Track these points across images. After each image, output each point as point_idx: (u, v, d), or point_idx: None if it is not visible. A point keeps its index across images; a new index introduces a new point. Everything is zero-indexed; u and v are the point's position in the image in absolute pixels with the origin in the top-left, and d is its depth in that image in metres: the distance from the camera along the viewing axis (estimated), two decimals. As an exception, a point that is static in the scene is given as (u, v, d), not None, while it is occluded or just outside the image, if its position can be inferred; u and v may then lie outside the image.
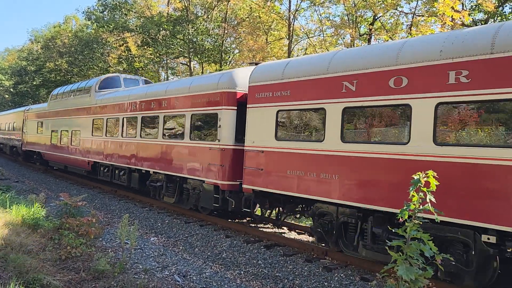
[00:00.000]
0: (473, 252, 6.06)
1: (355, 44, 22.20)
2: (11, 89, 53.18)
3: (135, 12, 30.67)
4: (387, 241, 4.29)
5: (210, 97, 10.98)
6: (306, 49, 27.96)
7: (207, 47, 27.43)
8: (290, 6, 24.73)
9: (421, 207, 4.07)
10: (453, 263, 5.99)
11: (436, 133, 6.31)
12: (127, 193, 15.57)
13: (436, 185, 4.44)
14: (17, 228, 8.09)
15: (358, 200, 7.26)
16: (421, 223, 3.94)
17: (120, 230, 7.22)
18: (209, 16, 28.63)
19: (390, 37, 20.34)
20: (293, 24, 24.82)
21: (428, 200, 4.00)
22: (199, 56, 27.91)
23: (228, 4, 27.28)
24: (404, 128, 6.85)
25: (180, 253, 8.86)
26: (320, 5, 24.16)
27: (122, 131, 15.33)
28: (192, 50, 27.37)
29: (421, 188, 3.99)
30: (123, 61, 33.58)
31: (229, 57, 29.98)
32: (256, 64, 10.75)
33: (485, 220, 5.76)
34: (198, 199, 11.44)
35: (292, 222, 11.37)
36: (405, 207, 3.97)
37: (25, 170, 24.93)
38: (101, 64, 36.37)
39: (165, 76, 35.46)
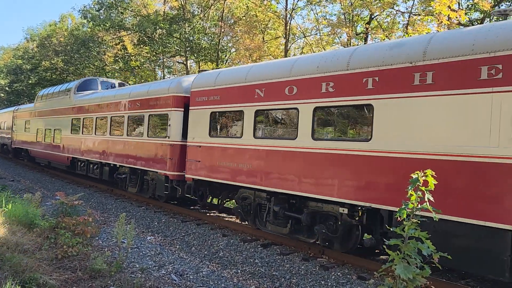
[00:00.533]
0: (339, 223, 7.73)
1: (351, 43, 22.21)
2: (7, 88, 52.84)
3: (131, 11, 30.57)
4: (385, 240, 4.28)
5: (162, 100, 12.71)
6: (303, 48, 27.96)
7: (203, 46, 27.38)
8: (286, 5, 24.78)
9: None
10: (323, 231, 7.83)
11: (313, 131, 7.97)
12: (124, 192, 15.55)
13: (312, 170, 7.54)
14: (13, 227, 8.02)
15: (266, 185, 8.91)
16: (419, 222, 3.94)
17: (117, 229, 7.17)
18: (206, 15, 28.57)
19: (386, 36, 20.36)
20: (290, 23, 24.83)
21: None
22: (195, 55, 27.86)
23: (224, 2, 27.24)
24: (294, 126, 8.42)
25: (176, 252, 8.85)
26: (317, 4, 24.20)
27: (95, 129, 17.05)
28: (188, 48, 27.31)
29: (420, 187, 3.98)
30: (119, 60, 33.42)
31: (226, 56, 29.90)
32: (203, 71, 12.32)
33: (345, 196, 7.33)
34: (155, 189, 13.02)
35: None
36: (403, 206, 3.96)
37: (20, 169, 24.82)
38: (97, 63, 36.18)
39: (162, 75, 35.36)
